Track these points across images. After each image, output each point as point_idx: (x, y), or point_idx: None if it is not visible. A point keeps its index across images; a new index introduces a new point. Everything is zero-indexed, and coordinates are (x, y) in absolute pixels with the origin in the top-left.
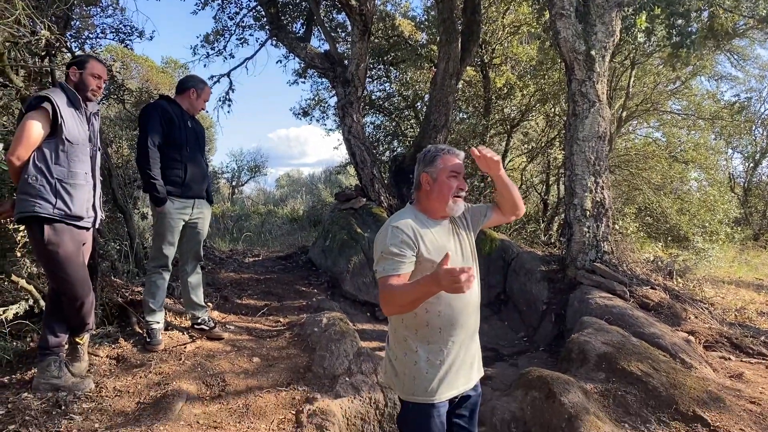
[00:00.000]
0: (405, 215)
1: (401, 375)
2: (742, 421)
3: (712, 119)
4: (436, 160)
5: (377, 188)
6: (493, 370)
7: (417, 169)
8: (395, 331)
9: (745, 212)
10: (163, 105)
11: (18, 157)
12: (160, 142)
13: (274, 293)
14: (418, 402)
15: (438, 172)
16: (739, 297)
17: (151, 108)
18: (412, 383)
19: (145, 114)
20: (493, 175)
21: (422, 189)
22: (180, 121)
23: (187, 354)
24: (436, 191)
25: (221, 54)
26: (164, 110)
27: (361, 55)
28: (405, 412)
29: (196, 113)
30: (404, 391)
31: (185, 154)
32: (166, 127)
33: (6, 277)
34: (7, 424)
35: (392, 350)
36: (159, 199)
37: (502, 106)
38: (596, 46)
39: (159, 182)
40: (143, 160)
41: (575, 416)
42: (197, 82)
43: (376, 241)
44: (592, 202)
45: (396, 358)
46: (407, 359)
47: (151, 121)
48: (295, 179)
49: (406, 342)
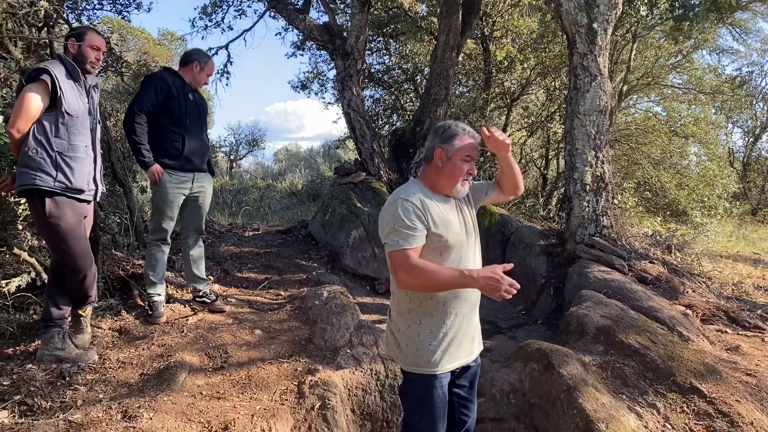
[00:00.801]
0: (412, 189)
1: (404, 347)
2: (738, 392)
3: (712, 93)
4: (455, 139)
5: (377, 162)
6: (491, 343)
7: (431, 142)
8: (398, 303)
9: (744, 187)
10: (163, 76)
11: (18, 130)
12: (149, 109)
13: (275, 267)
14: (421, 373)
15: (454, 152)
16: (736, 271)
17: (149, 77)
18: (415, 355)
19: (142, 82)
20: (500, 156)
21: (433, 163)
22: (180, 93)
23: (189, 326)
24: (447, 170)
25: (219, 26)
26: (163, 81)
27: (361, 27)
28: (407, 383)
29: (199, 87)
30: (407, 363)
31: (184, 127)
32: (164, 98)
33: (8, 250)
34: (12, 395)
35: (395, 323)
36: (145, 162)
37: (502, 80)
38: (598, 18)
39: (144, 146)
40: (128, 124)
41: (573, 387)
42: (201, 56)
43: (385, 213)
44: (592, 177)
45: (399, 330)
46: (410, 331)
47: (144, 90)
48: (294, 153)
49: (410, 314)
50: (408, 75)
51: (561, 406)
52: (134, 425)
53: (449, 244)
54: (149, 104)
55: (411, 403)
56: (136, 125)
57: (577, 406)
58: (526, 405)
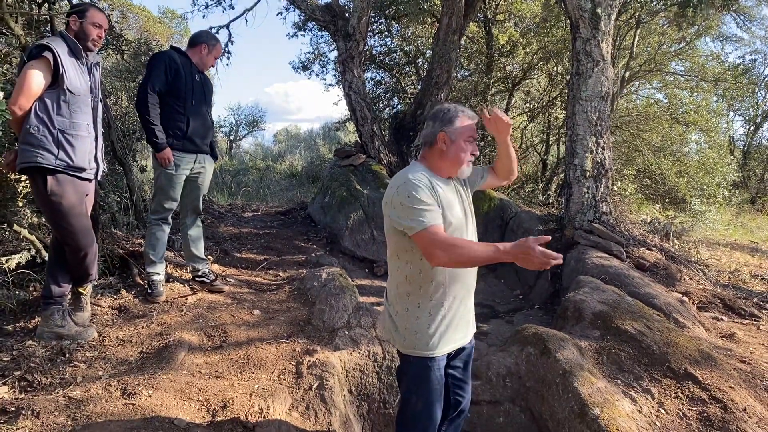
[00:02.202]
0: (416, 169)
1: (402, 330)
2: (732, 379)
3: (715, 81)
4: (455, 120)
5: (377, 145)
6: (488, 327)
7: (432, 127)
8: (397, 287)
9: (744, 175)
10: (172, 55)
11: (20, 107)
12: (160, 89)
13: (274, 248)
14: (419, 356)
15: (457, 134)
16: (733, 259)
17: (159, 56)
18: (413, 337)
19: (151, 61)
20: (499, 139)
21: (436, 147)
22: (186, 73)
23: (188, 305)
24: (452, 153)
25: (220, 4)
26: (172, 60)
27: (363, 8)
28: (405, 366)
29: (205, 69)
30: (405, 345)
31: (189, 107)
32: (172, 77)
33: (8, 227)
34: (12, 371)
35: (392, 305)
36: (158, 144)
37: (504, 64)
38: (602, 4)
39: (158, 127)
40: (141, 104)
41: (569, 372)
42: (210, 38)
43: (396, 196)
44: (593, 163)
45: (397, 313)
46: (409, 314)
47: (155, 69)
48: (294, 135)
49: (409, 297)
50: (410, 57)
51: (556, 390)
52: (133, 402)
53: (453, 226)
54: (160, 83)
55: (409, 384)
56: (150, 106)
57: (573, 390)
58: (522, 388)
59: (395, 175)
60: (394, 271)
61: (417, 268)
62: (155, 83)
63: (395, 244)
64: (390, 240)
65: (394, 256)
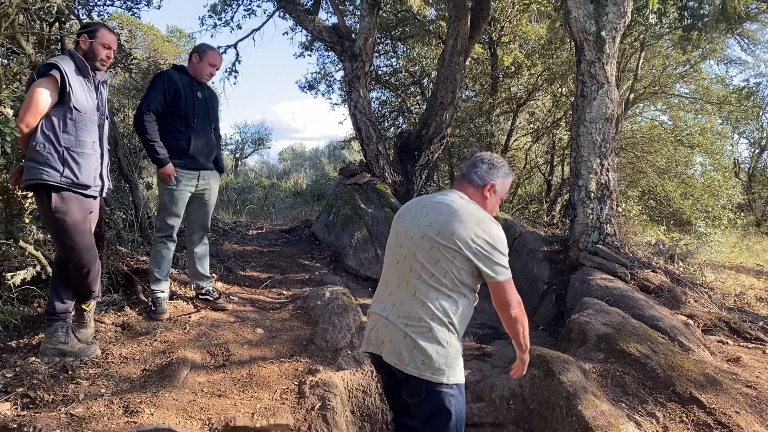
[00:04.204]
0: None
1: (452, 359)
2: (738, 403)
3: (719, 104)
4: (507, 179)
5: (382, 164)
6: (492, 348)
7: (488, 172)
8: (445, 319)
9: (749, 198)
10: (171, 74)
11: (26, 124)
12: (157, 108)
13: (277, 266)
14: (461, 382)
15: (502, 189)
16: (738, 282)
17: (157, 76)
18: (457, 366)
19: (151, 82)
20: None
21: (481, 192)
22: (187, 91)
23: (191, 323)
24: (492, 203)
25: (228, 24)
26: (171, 79)
27: (370, 29)
28: (451, 398)
29: (203, 79)
30: (453, 375)
31: (191, 126)
32: (170, 96)
33: (14, 243)
34: (15, 387)
35: (435, 336)
36: (160, 160)
37: (509, 85)
38: (607, 27)
39: (157, 143)
40: (138, 123)
41: (573, 394)
42: (200, 47)
43: (498, 236)
44: (597, 184)
45: (449, 343)
46: (455, 341)
47: (152, 89)
48: (299, 153)
49: (451, 326)
50: (415, 78)
51: (560, 413)
52: (135, 420)
53: None
54: (157, 103)
55: (455, 419)
56: (146, 123)
57: (577, 413)
58: (526, 411)
59: (462, 202)
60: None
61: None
62: (151, 103)
63: (459, 274)
64: (451, 267)
65: (452, 284)
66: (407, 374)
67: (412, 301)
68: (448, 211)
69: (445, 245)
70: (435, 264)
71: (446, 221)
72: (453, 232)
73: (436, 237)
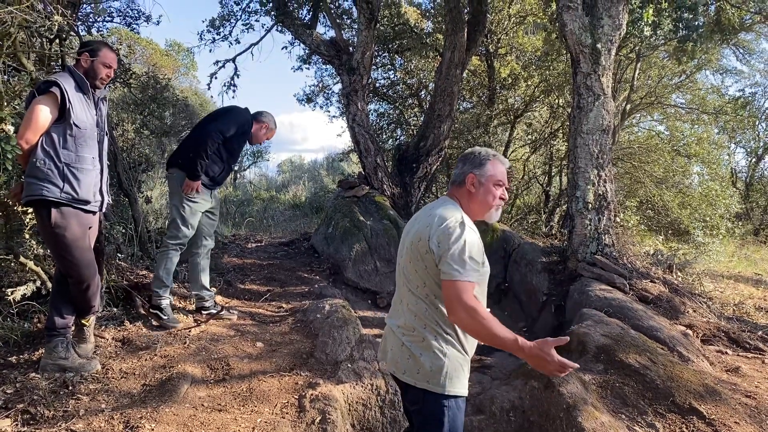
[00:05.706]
0: (461, 214)
1: (451, 369)
2: (738, 414)
3: (715, 114)
4: (486, 164)
5: (380, 177)
6: (492, 360)
7: (462, 168)
8: (439, 330)
9: (746, 207)
10: (249, 120)
11: (26, 141)
12: (225, 138)
13: (277, 279)
14: (459, 395)
15: (486, 177)
16: (737, 292)
17: (243, 114)
18: (456, 378)
19: (236, 112)
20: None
21: (464, 188)
22: (248, 139)
23: (191, 337)
24: (480, 195)
25: (227, 39)
26: (248, 122)
27: (367, 43)
28: (445, 409)
29: (255, 143)
30: (451, 387)
31: (231, 164)
32: (239, 135)
33: (14, 259)
34: (15, 403)
35: (429, 346)
36: (197, 175)
37: (506, 97)
38: (602, 39)
39: (205, 164)
40: (207, 143)
41: (573, 406)
42: (271, 122)
43: (448, 232)
44: (595, 195)
45: (441, 353)
46: (455, 353)
47: (234, 122)
48: (298, 165)
49: (457, 337)
50: (412, 90)
51: (560, 425)
52: None
53: (483, 279)
54: (229, 135)
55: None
56: (210, 147)
57: (577, 425)
58: (526, 423)
59: (439, 206)
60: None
61: None
62: (226, 132)
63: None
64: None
65: (434, 293)
66: (405, 383)
67: (406, 311)
68: (427, 219)
69: (422, 254)
70: (415, 273)
71: (423, 229)
72: (428, 238)
73: (417, 246)
